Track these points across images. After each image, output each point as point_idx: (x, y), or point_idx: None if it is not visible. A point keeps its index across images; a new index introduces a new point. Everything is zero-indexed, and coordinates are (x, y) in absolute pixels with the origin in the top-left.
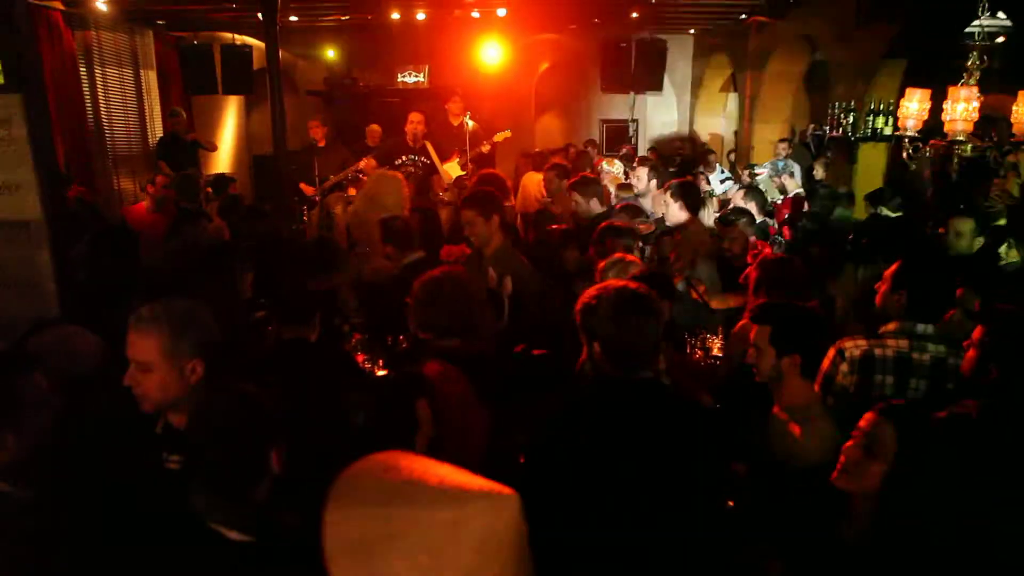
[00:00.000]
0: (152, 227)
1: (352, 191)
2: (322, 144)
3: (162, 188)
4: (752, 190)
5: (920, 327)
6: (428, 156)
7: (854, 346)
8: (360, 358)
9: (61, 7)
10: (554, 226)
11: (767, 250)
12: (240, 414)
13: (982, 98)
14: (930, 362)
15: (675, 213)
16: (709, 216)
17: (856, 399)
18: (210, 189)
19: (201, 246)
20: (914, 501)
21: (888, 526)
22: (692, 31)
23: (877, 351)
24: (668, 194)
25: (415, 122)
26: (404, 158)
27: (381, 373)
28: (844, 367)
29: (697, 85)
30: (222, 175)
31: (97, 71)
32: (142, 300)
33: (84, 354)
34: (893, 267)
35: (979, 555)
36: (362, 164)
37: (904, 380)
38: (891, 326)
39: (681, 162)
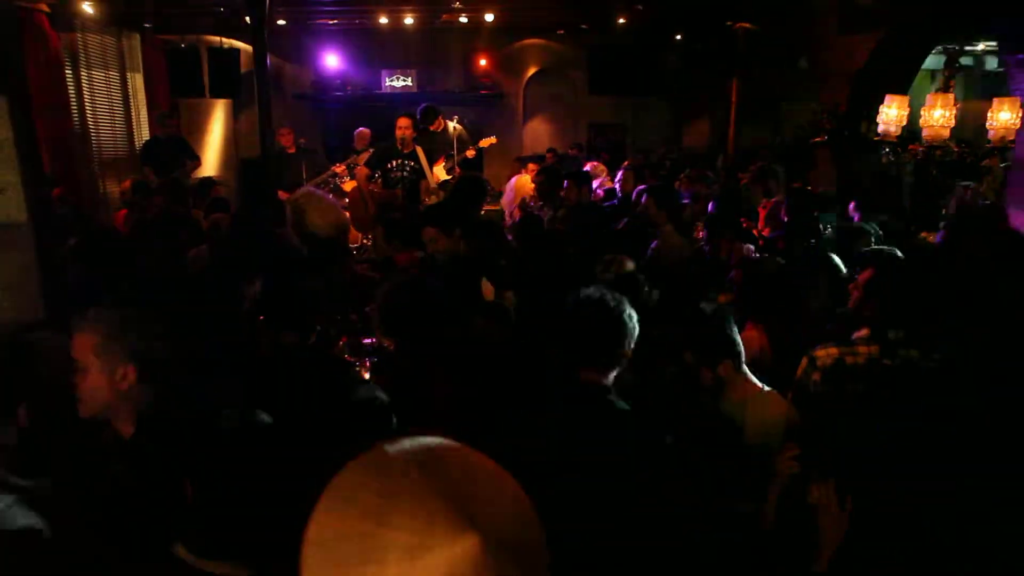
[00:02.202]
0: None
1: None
2: (292, 151)
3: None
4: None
5: (892, 332)
6: (418, 161)
7: (826, 355)
8: (347, 360)
9: (46, 9)
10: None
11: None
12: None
13: (959, 104)
14: (901, 367)
15: (653, 215)
16: None
17: (829, 408)
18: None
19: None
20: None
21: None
22: (679, 36)
23: (848, 359)
24: (644, 196)
25: (403, 127)
26: (394, 163)
27: (367, 376)
28: (816, 376)
29: (684, 90)
30: (208, 178)
31: (83, 73)
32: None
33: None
34: (866, 273)
35: (979, 555)
36: (339, 169)
37: (876, 386)
38: (863, 332)
39: (671, 166)
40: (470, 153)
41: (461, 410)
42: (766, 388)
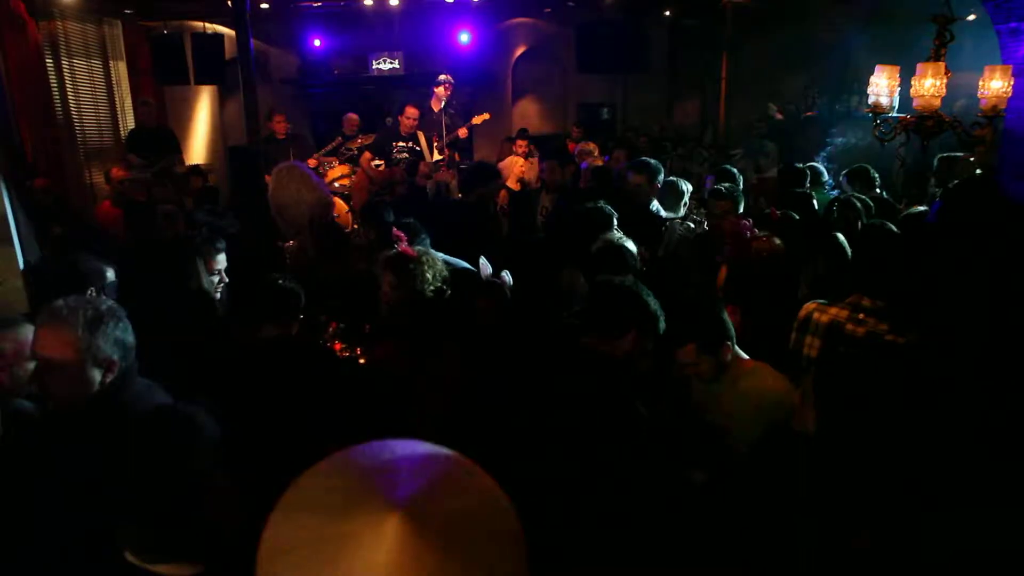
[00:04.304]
0: (115, 223)
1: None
2: (282, 137)
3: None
4: (723, 172)
5: (867, 301)
6: (418, 143)
7: (805, 309)
8: (337, 347)
9: None
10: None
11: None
12: (168, 426)
13: (950, 73)
14: (863, 335)
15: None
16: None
17: (792, 354)
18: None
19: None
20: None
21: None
22: (668, 12)
23: (816, 315)
24: (630, 171)
25: (411, 116)
26: (398, 145)
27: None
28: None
29: (674, 66)
30: (196, 167)
31: (64, 62)
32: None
33: None
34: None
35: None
36: (332, 156)
37: (831, 346)
38: (852, 298)
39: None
40: (462, 132)
41: (463, 388)
42: (756, 362)
